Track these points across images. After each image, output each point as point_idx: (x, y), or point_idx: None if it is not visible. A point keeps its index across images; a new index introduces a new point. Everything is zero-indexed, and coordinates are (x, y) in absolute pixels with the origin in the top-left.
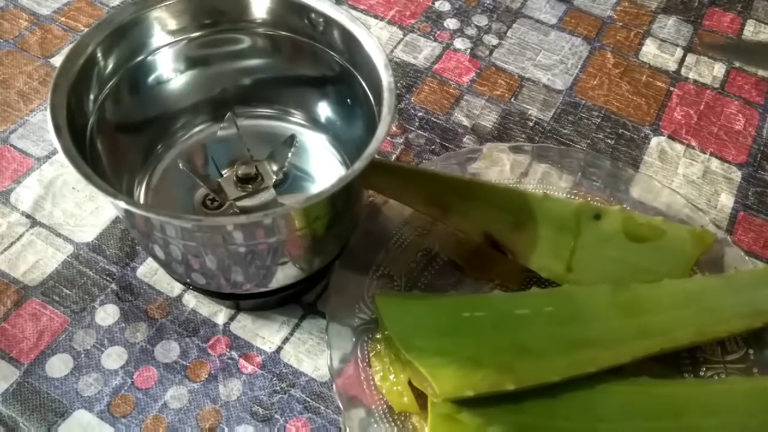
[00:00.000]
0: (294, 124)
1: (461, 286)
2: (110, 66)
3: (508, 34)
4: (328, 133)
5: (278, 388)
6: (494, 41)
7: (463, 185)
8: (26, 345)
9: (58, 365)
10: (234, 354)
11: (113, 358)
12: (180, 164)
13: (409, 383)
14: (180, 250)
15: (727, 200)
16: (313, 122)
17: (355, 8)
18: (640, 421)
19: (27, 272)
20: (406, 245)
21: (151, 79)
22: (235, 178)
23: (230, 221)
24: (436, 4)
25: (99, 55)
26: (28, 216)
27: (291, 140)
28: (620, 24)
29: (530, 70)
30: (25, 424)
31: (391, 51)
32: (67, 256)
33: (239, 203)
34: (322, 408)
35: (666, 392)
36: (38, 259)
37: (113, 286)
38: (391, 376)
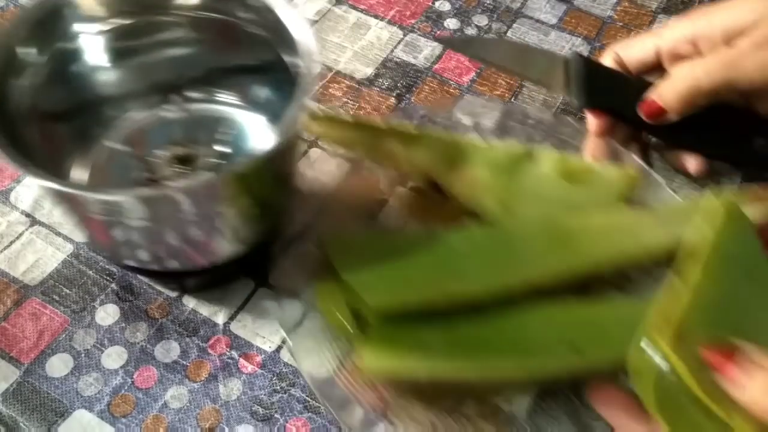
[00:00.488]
0: (231, 106)
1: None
2: (38, 54)
3: (509, 34)
4: (266, 112)
5: (278, 387)
6: None
7: (406, 134)
8: (26, 344)
9: (58, 365)
10: (234, 353)
11: (113, 357)
12: (117, 147)
13: (351, 309)
14: (107, 229)
15: None
16: (251, 103)
17: (355, 8)
18: (568, 336)
19: (27, 271)
20: (346, 202)
21: (81, 65)
22: (172, 160)
23: (135, 193)
24: (437, 4)
25: (24, 43)
26: (27, 215)
27: (227, 122)
28: (620, 24)
29: None
30: (25, 423)
31: (392, 51)
32: (67, 256)
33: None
34: (322, 407)
35: (592, 311)
36: (38, 259)
37: (113, 285)
38: (334, 303)
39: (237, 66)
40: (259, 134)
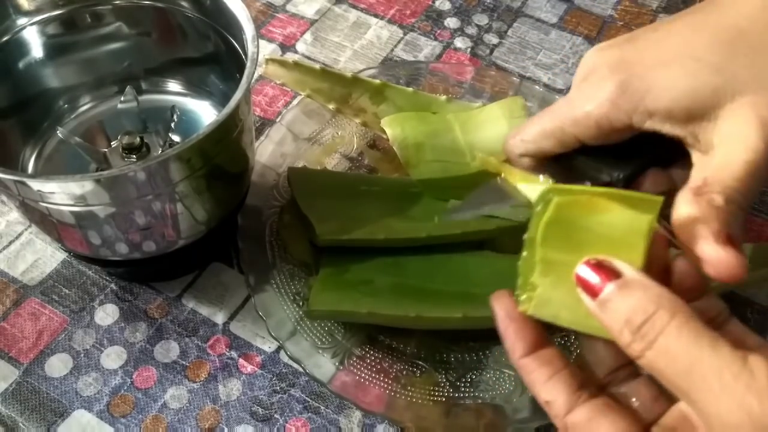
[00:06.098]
0: (183, 95)
1: None
2: None
3: (509, 33)
4: (213, 98)
5: (278, 387)
6: (495, 40)
7: (372, 86)
8: (25, 344)
9: (58, 365)
10: (233, 354)
11: (113, 357)
12: (69, 139)
13: (311, 243)
14: (54, 217)
15: None
16: (197, 89)
17: (355, 7)
18: (507, 286)
19: (26, 271)
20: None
21: (24, 59)
22: (125, 150)
23: (77, 178)
24: (437, 3)
25: None
26: None
27: (172, 111)
28: (621, 23)
29: (531, 69)
30: (25, 423)
31: (392, 50)
32: (67, 256)
33: None
34: (321, 408)
35: None
36: (37, 258)
37: (112, 285)
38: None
39: (185, 55)
40: (208, 120)
